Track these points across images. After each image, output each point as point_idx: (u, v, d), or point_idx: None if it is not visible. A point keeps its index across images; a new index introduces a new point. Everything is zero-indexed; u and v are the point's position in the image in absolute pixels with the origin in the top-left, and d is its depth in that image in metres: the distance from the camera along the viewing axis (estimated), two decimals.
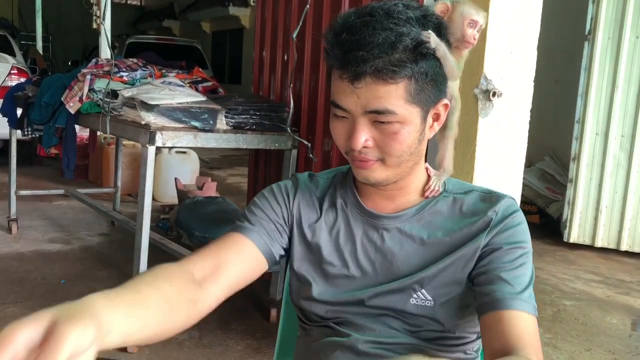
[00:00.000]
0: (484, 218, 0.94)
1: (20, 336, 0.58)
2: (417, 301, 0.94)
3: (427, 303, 0.93)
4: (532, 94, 1.93)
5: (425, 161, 1.01)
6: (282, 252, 1.03)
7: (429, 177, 1.01)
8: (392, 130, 0.88)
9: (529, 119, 1.94)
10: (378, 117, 0.87)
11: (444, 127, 0.99)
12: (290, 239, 1.03)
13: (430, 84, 0.88)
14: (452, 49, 0.91)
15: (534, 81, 1.93)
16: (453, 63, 0.90)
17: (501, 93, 1.82)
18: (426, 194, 0.98)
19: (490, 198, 0.97)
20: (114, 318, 0.67)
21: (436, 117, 0.94)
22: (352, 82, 0.86)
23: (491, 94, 1.82)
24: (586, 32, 4.61)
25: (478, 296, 0.91)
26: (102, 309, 0.67)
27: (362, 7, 0.88)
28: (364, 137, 0.88)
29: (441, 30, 0.89)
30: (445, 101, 0.94)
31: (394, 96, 0.86)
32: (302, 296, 1.03)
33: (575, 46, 4.84)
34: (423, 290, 0.94)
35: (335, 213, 1.02)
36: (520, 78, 1.89)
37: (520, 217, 0.95)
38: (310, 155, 2.71)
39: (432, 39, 0.85)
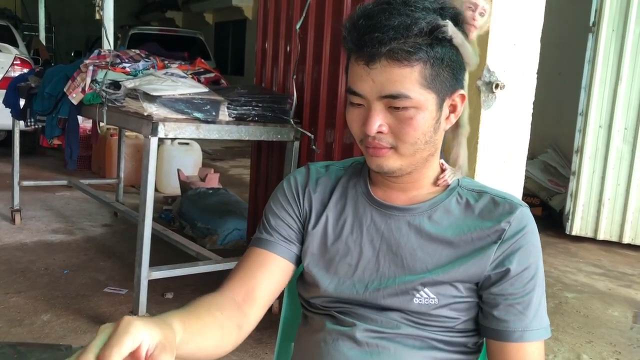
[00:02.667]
0: (497, 227, 0.93)
1: (137, 339, 0.63)
2: (420, 300, 0.93)
3: (431, 301, 0.93)
4: (535, 86, 1.92)
5: (440, 157, 1.01)
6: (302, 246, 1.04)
7: (442, 172, 1.00)
8: (407, 115, 0.88)
9: (532, 111, 1.93)
10: (393, 102, 0.87)
11: (456, 125, 0.99)
12: (304, 233, 1.03)
13: (447, 71, 0.89)
14: (469, 39, 0.92)
15: (537, 73, 1.92)
16: (471, 51, 0.91)
17: (504, 85, 1.82)
18: (439, 182, 0.98)
19: (504, 205, 0.95)
20: (182, 346, 0.76)
21: (453, 109, 0.94)
22: (368, 64, 0.86)
23: (494, 86, 1.81)
24: (590, 24, 4.58)
25: (486, 316, 0.93)
26: (180, 339, 0.75)
27: None
28: (379, 122, 0.88)
29: (458, 20, 0.90)
30: (462, 92, 0.94)
31: (409, 80, 0.86)
32: (305, 285, 1.03)
33: (579, 38, 4.81)
34: (426, 289, 0.93)
35: (345, 202, 1.02)
36: (523, 70, 1.89)
37: (532, 226, 0.95)
38: (313, 146, 2.71)
39: (450, 28, 0.86)
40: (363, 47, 0.86)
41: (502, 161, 1.90)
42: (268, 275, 1.00)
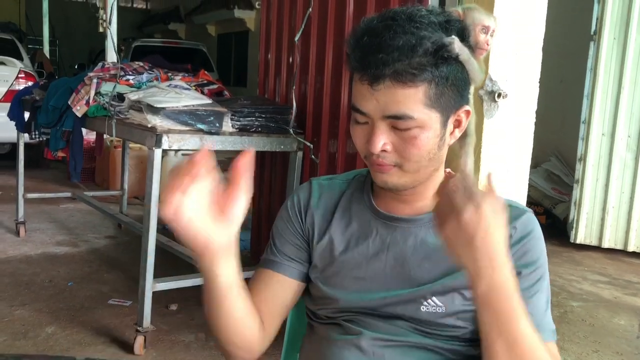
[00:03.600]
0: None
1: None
2: (427, 308, 0.93)
3: (439, 309, 0.93)
4: (537, 95, 1.93)
5: (446, 167, 1.01)
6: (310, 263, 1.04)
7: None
8: (410, 135, 0.87)
9: (534, 119, 1.93)
10: (396, 123, 0.87)
11: (464, 135, 0.99)
12: (310, 250, 1.04)
13: (451, 89, 0.88)
14: (474, 54, 0.91)
15: (539, 82, 1.93)
16: (477, 67, 0.90)
17: (506, 94, 1.82)
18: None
19: (510, 211, 0.94)
20: (235, 277, 0.89)
21: (457, 124, 0.94)
22: (372, 85, 0.86)
23: (496, 95, 1.82)
24: (592, 32, 4.60)
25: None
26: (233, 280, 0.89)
27: (385, 11, 0.89)
28: (382, 141, 0.88)
29: (464, 35, 0.89)
30: (467, 107, 0.93)
31: (413, 100, 0.85)
32: (312, 297, 1.03)
33: (581, 46, 4.82)
34: (434, 298, 0.93)
35: (350, 216, 1.02)
36: (525, 79, 1.89)
37: (538, 231, 0.96)
38: (312, 156, 2.72)
39: (456, 44, 0.85)
40: (367, 68, 0.85)
41: (505, 170, 1.90)
42: (274, 295, 1.01)
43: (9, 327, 2.70)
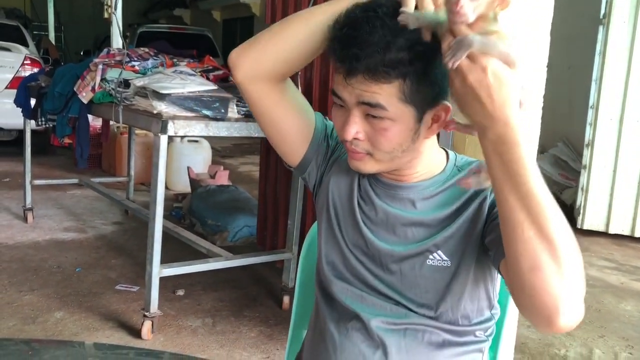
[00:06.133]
0: None
1: None
2: (433, 262, 0.94)
3: (444, 263, 0.94)
4: (545, 80, 1.91)
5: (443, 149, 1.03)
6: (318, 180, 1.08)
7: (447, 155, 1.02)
8: (382, 126, 0.89)
9: (542, 105, 1.92)
10: (370, 110, 0.89)
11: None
12: (324, 170, 1.08)
13: (427, 85, 0.87)
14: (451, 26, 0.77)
15: (547, 67, 1.91)
16: (500, 48, 0.76)
17: None
18: (458, 183, 0.96)
19: None
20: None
21: (436, 119, 0.92)
22: (345, 77, 0.88)
23: None
24: (601, 16, 4.54)
25: (495, 243, 0.88)
26: None
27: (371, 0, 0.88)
28: (355, 129, 0.90)
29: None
30: (447, 104, 0.90)
31: (387, 94, 0.86)
32: (322, 266, 1.05)
33: (590, 30, 4.77)
34: (439, 252, 0.95)
35: (358, 186, 1.04)
36: (533, 64, 1.87)
37: None
38: None
39: (408, 16, 0.81)
40: (342, 61, 0.87)
41: None
42: (295, 96, 1.06)
43: (19, 312, 2.73)
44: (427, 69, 0.85)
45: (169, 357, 1.04)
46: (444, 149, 1.05)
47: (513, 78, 0.74)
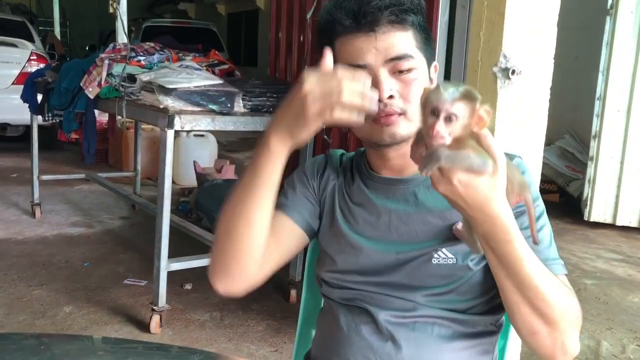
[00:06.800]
0: None
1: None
2: (439, 260, 0.94)
3: (450, 261, 0.94)
4: (552, 72, 1.90)
5: None
6: (319, 225, 1.06)
7: None
8: (412, 76, 0.93)
9: (549, 96, 1.91)
10: (399, 65, 0.93)
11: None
12: (321, 211, 1.06)
13: (427, 39, 0.97)
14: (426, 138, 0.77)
15: (554, 58, 1.90)
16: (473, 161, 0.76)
17: (520, 71, 1.80)
18: (455, 231, 0.96)
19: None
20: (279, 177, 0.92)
21: (431, 81, 0.99)
22: (372, 30, 0.92)
23: (510, 72, 1.79)
24: (608, 7, 4.51)
25: None
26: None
27: None
28: (389, 85, 0.93)
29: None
30: (435, 63, 1.01)
31: (409, 42, 0.94)
32: (324, 268, 1.05)
33: (597, 21, 4.74)
34: (444, 249, 0.94)
35: (352, 184, 1.04)
36: (540, 55, 1.86)
37: (528, 174, 0.98)
38: (325, 136, 2.71)
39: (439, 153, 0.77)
40: (364, 17, 0.91)
41: (519, 147, 1.88)
42: (278, 234, 0.99)
43: (28, 307, 2.75)
44: (424, 21, 0.97)
45: (177, 351, 1.05)
46: None
47: (487, 182, 0.75)
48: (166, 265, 2.50)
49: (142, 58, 3.10)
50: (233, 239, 0.93)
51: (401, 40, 0.93)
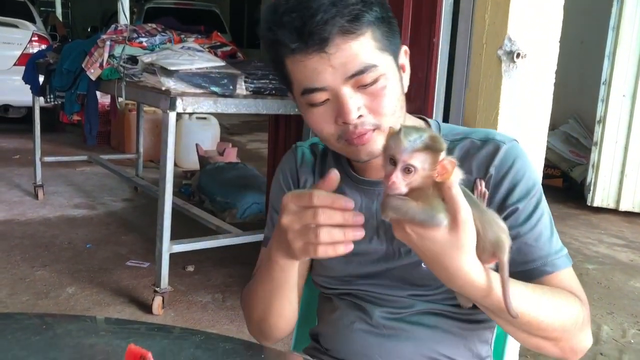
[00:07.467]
0: (484, 178, 0.88)
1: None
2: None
3: None
4: (557, 55, 1.88)
5: None
6: None
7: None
8: (379, 87, 0.84)
9: (554, 81, 1.89)
10: (361, 79, 0.83)
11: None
12: None
13: (388, 27, 0.86)
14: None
15: (559, 42, 1.88)
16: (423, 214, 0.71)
17: (525, 54, 1.78)
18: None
19: (487, 148, 0.91)
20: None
21: (403, 68, 0.91)
22: (324, 50, 0.80)
23: (515, 55, 1.78)
24: None
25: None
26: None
27: None
28: (356, 104, 0.83)
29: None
30: (405, 47, 0.92)
31: (368, 48, 0.82)
32: (316, 272, 1.03)
33: (603, 5, 4.68)
34: None
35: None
36: (545, 39, 1.84)
37: (521, 161, 0.90)
38: None
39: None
40: (311, 36, 0.80)
41: (523, 132, 1.87)
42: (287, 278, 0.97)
43: (32, 287, 2.77)
44: (381, 12, 0.84)
45: (179, 332, 1.05)
46: (422, 118, 1.00)
47: (444, 237, 0.69)
48: (168, 247, 2.51)
49: (143, 39, 3.08)
50: (271, 324, 0.96)
51: (359, 50, 0.81)
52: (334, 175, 0.75)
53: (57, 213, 3.95)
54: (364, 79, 0.83)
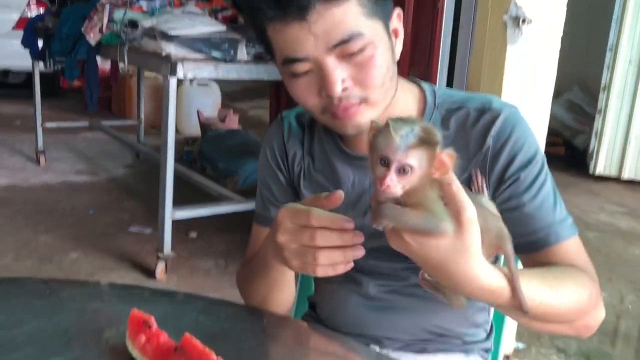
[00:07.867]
0: (481, 146, 0.85)
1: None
2: None
3: None
4: (563, 21, 1.85)
5: None
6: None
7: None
8: (366, 56, 0.78)
9: (559, 47, 1.87)
10: (347, 48, 0.77)
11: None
12: (299, 192, 0.98)
13: None
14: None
15: (566, 6, 1.84)
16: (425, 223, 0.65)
17: (531, 20, 1.75)
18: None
19: (483, 117, 0.86)
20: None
21: (395, 34, 0.85)
22: (304, 18, 0.75)
23: (520, 20, 1.75)
24: None
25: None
26: None
27: None
28: (341, 76, 0.78)
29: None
30: (398, 10, 0.85)
31: (353, 14, 0.76)
32: None
33: None
34: None
35: (323, 160, 0.95)
36: (551, 3, 1.81)
37: (520, 128, 0.86)
38: None
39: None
40: (290, 4, 0.74)
41: (527, 98, 1.85)
42: None
43: (35, 252, 2.79)
44: None
45: (182, 297, 1.06)
46: (415, 82, 0.94)
47: (449, 243, 0.62)
48: (171, 213, 2.52)
49: (143, 3, 3.02)
50: (270, 308, 0.94)
51: (342, 17, 0.75)
52: (338, 195, 0.71)
53: (59, 179, 3.96)
54: (349, 48, 0.77)
